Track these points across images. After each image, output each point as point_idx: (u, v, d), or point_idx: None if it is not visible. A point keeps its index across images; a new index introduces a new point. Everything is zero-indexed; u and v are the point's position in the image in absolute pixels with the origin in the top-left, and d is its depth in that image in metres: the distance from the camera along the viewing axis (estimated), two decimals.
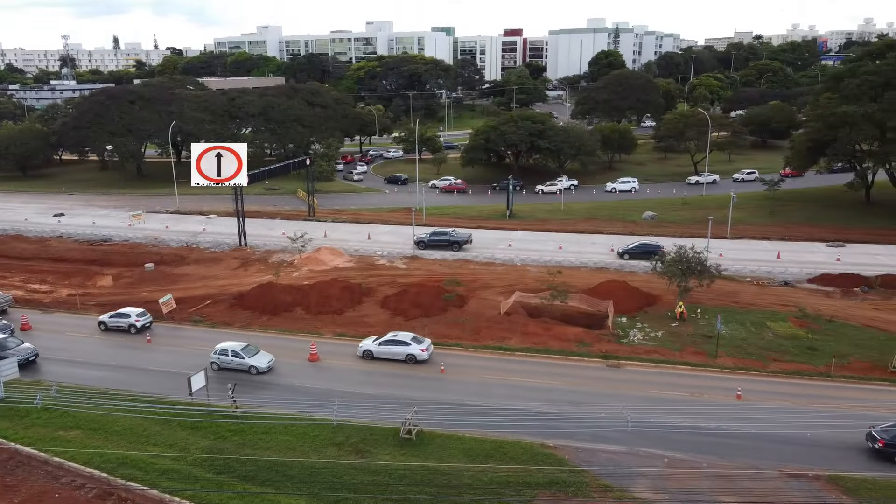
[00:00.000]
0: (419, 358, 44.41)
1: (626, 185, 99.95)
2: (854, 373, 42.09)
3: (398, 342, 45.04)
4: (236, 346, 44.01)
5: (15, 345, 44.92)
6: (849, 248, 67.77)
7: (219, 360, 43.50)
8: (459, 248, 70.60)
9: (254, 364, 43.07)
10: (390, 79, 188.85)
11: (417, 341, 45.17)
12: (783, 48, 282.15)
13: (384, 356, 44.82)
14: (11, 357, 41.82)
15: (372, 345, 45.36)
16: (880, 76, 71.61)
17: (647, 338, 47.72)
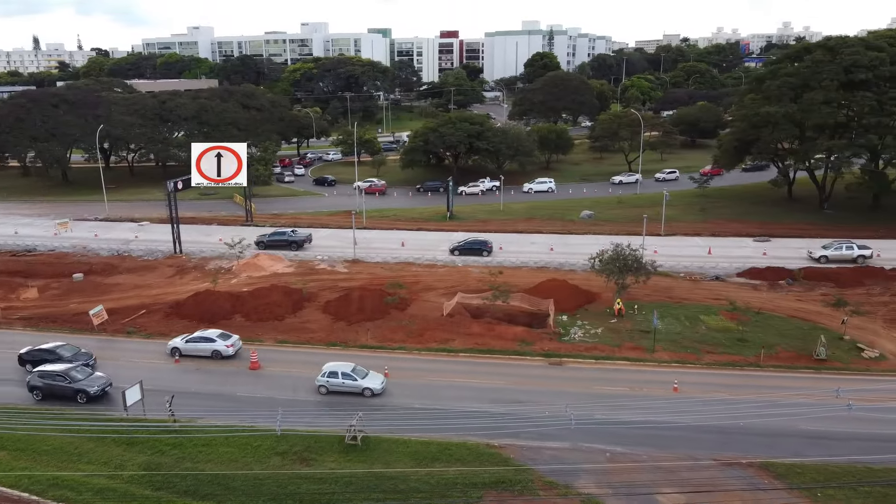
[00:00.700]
0: (224, 354, 45.36)
1: (543, 185, 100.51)
2: (781, 362, 44.03)
3: (205, 339, 46.03)
4: (345, 367, 41.51)
5: (85, 375, 41.66)
6: (774, 242, 70.78)
7: (328, 384, 40.92)
8: (299, 247, 71.28)
9: (368, 386, 40.48)
10: (327, 81, 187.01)
11: (224, 338, 46.17)
12: (709, 50, 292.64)
13: (191, 353, 45.79)
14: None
15: (180, 342, 46.31)
16: (798, 78, 75.13)
17: (587, 335, 48.69)
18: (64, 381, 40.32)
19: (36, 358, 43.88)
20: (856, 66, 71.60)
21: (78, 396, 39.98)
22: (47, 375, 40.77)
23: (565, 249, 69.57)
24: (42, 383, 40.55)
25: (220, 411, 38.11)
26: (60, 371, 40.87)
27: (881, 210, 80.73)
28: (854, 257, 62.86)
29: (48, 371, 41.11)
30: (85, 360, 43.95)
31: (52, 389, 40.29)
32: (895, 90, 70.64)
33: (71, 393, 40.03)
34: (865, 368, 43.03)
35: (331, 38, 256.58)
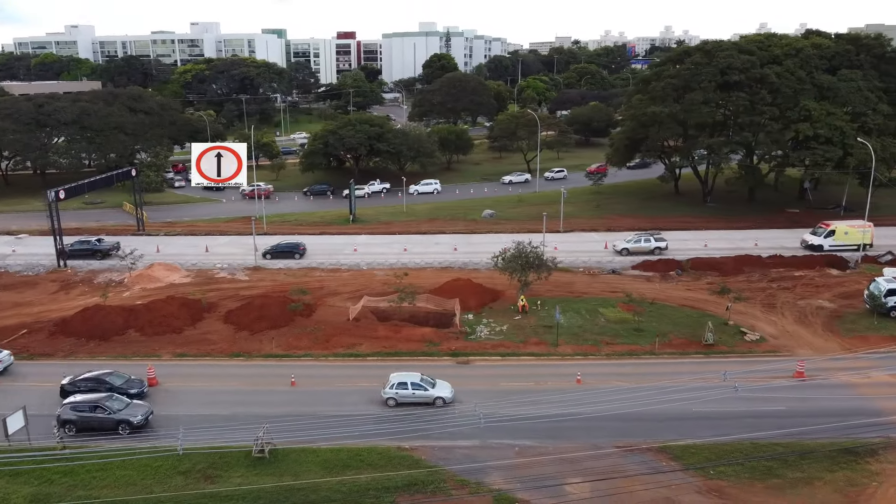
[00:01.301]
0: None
1: (429, 187, 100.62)
2: (675, 349, 46.55)
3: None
4: (413, 376, 39.59)
5: (123, 405, 37.91)
6: (663, 235, 74.36)
7: (397, 395, 38.98)
8: (104, 256, 68.81)
9: (440, 395, 39.12)
10: (220, 82, 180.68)
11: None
12: (598, 53, 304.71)
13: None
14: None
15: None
16: (680, 79, 79.56)
17: (493, 332, 49.59)
18: (103, 412, 36.80)
19: (82, 388, 39.78)
20: (730, 69, 76.59)
21: (120, 428, 36.64)
22: (81, 407, 37.08)
23: (469, 249, 70.58)
24: (76, 416, 36.83)
25: (113, 433, 36.10)
26: (96, 401, 37.29)
27: (756, 203, 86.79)
28: (651, 249, 67.77)
29: (82, 402, 37.39)
30: (139, 388, 40.54)
31: (89, 422, 36.73)
32: (765, 91, 75.95)
33: (112, 424, 36.62)
34: (748, 351, 46.16)
35: (223, 39, 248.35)
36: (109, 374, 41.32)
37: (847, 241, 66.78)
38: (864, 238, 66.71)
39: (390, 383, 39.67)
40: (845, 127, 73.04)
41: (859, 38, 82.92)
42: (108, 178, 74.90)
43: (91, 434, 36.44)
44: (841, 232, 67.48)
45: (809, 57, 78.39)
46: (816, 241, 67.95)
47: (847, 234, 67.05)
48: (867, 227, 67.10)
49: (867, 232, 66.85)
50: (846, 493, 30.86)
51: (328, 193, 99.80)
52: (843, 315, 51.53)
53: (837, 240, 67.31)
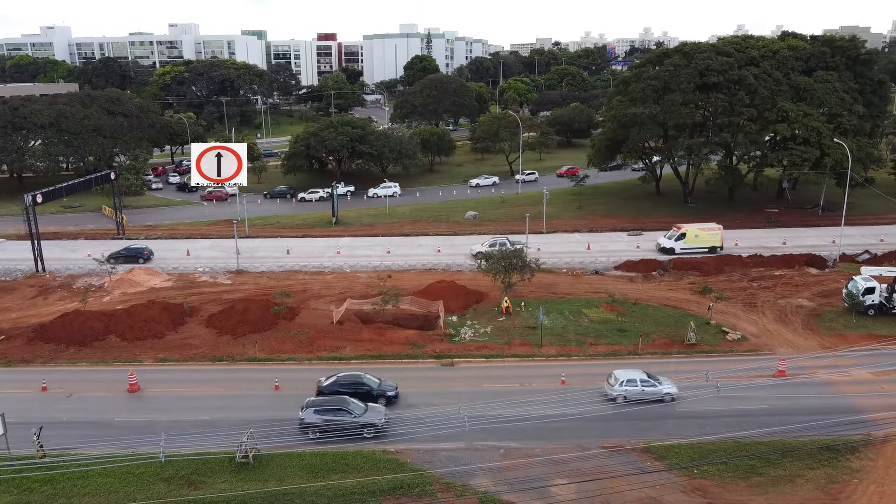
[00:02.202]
0: None
1: (388, 189, 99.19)
2: (657, 348, 46.91)
3: None
4: (639, 373, 39.41)
5: (362, 408, 37.02)
6: (645, 235, 75.12)
7: (626, 393, 38.62)
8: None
9: (668, 391, 39.01)
10: (200, 84, 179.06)
11: None
12: (579, 54, 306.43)
13: None
14: None
15: None
16: (660, 81, 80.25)
17: (477, 334, 49.63)
18: (348, 415, 35.95)
19: (341, 391, 38.91)
20: (708, 70, 77.41)
21: (365, 431, 35.89)
22: (325, 410, 36.24)
23: (452, 250, 70.63)
24: (320, 420, 35.89)
25: (96, 440, 35.59)
26: (338, 404, 36.57)
27: (736, 202, 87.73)
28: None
29: (325, 405, 36.59)
30: (392, 391, 39.93)
31: (335, 425, 35.77)
32: (743, 92, 76.84)
33: (356, 429, 35.92)
34: (730, 350, 46.64)
35: (202, 40, 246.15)
36: (363, 377, 40.47)
37: (697, 244, 67.17)
38: (714, 240, 67.43)
39: (618, 381, 39.30)
40: (822, 128, 74.12)
41: (834, 41, 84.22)
42: (87, 181, 73.98)
43: (334, 437, 35.45)
44: (692, 235, 67.84)
45: (786, 58, 79.50)
46: (668, 244, 68.32)
47: (697, 237, 67.48)
48: (717, 230, 67.70)
49: (716, 234, 67.37)
50: (827, 490, 31.26)
51: (288, 196, 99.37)
52: (822, 314, 52.24)
53: (688, 243, 67.69)
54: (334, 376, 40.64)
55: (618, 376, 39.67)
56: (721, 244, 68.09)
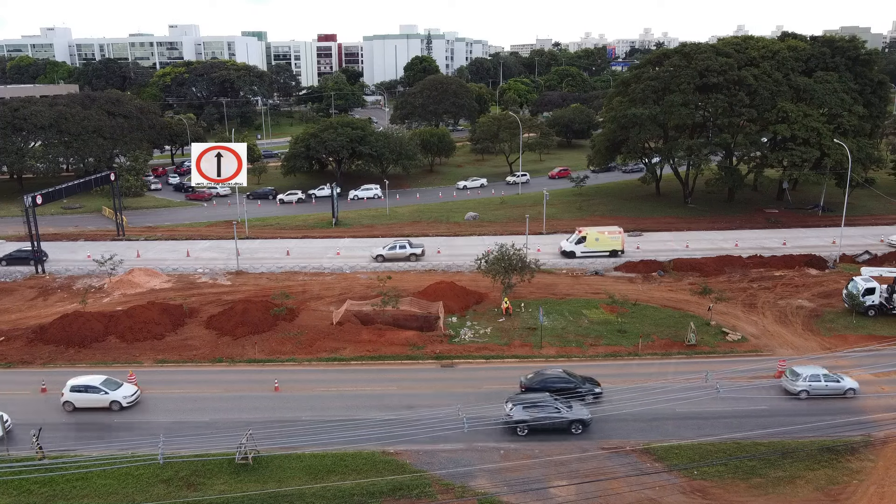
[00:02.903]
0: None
1: (369, 192, 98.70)
2: (657, 349, 46.81)
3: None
4: (821, 369, 39.85)
5: (563, 405, 36.81)
6: (645, 236, 75.09)
7: (810, 388, 38.87)
8: None
9: (851, 387, 39.26)
10: (200, 85, 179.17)
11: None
12: (579, 55, 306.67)
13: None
14: None
15: None
16: (659, 82, 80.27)
17: (476, 335, 49.58)
18: (556, 412, 35.87)
19: (549, 387, 38.84)
20: (708, 71, 77.39)
21: (572, 427, 35.95)
22: (533, 406, 36.24)
23: (452, 251, 70.60)
24: (530, 416, 35.88)
25: (95, 442, 35.63)
26: (546, 400, 36.52)
27: (736, 203, 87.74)
28: (407, 255, 67.82)
29: (533, 402, 36.54)
30: (596, 388, 39.67)
31: (543, 422, 35.82)
32: (743, 93, 76.81)
33: (565, 425, 35.89)
34: (730, 350, 46.54)
35: (202, 41, 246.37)
36: (566, 374, 40.49)
37: (598, 248, 67.03)
38: (615, 244, 67.28)
39: (802, 376, 39.19)
40: (822, 128, 74.06)
41: (834, 41, 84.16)
42: (87, 182, 73.97)
43: (543, 434, 35.78)
44: (592, 238, 67.62)
45: (786, 59, 79.46)
46: (569, 248, 68.30)
47: (598, 241, 67.18)
48: (617, 234, 67.45)
49: (617, 238, 67.18)
50: (827, 491, 31.21)
51: (270, 197, 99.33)
52: (822, 314, 52.18)
53: (588, 246, 67.56)
54: (537, 373, 40.86)
55: (800, 371, 39.68)
56: (622, 248, 67.66)
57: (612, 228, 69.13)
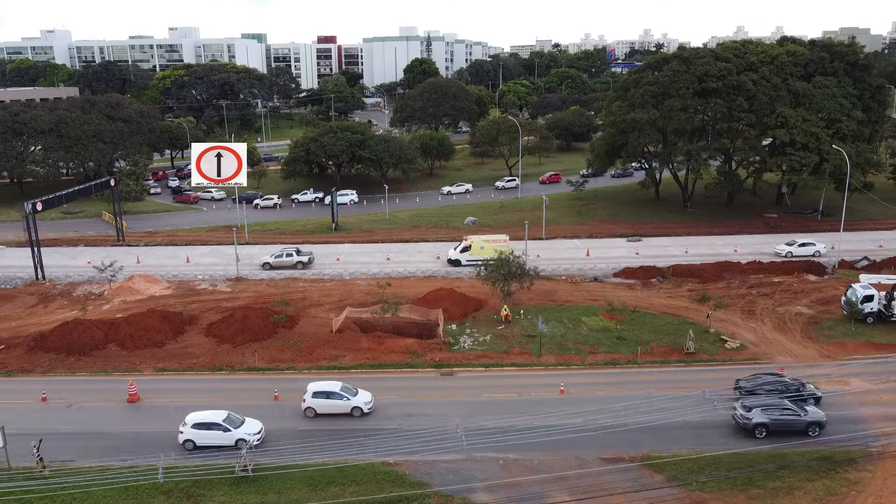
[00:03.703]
0: None
1: (344, 198, 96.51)
2: (656, 357, 46.89)
3: None
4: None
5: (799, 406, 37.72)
6: (644, 241, 75.16)
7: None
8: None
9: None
10: (200, 88, 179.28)
11: None
12: (578, 56, 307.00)
13: None
14: None
15: None
16: (659, 86, 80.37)
17: (476, 343, 49.68)
18: (793, 414, 36.72)
19: (766, 390, 39.31)
20: (707, 76, 77.50)
21: (809, 430, 36.44)
22: (772, 407, 36.83)
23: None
24: (769, 419, 36.45)
25: (96, 453, 35.75)
26: (784, 404, 37.20)
27: (735, 207, 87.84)
28: (294, 263, 67.35)
29: (770, 406, 36.97)
30: (818, 393, 39.72)
31: (782, 425, 36.43)
32: (742, 98, 76.91)
33: (803, 427, 36.52)
34: (729, 358, 46.63)
35: (202, 44, 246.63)
36: (784, 377, 40.72)
37: (483, 256, 65.26)
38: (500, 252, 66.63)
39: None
40: (821, 133, 74.14)
41: (833, 46, 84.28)
42: (87, 188, 74.07)
43: (783, 437, 36.17)
44: (477, 247, 66.94)
45: (784, 64, 79.61)
46: (455, 256, 67.72)
47: (483, 249, 66.11)
48: (503, 242, 66.68)
49: (502, 247, 65.69)
50: (825, 501, 31.29)
51: (252, 202, 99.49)
52: (821, 321, 52.26)
53: (473, 254, 66.80)
54: (755, 375, 41.32)
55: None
56: None
57: (499, 237, 68.49)
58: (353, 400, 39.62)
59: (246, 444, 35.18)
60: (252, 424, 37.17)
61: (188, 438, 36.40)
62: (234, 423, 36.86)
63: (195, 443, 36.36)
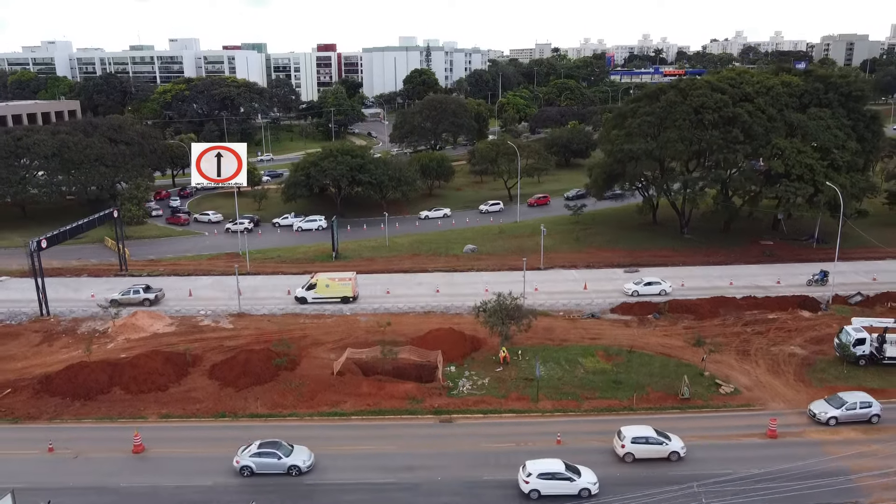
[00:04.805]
0: None
1: (312, 223, 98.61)
2: (651, 403, 47.73)
3: None
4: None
5: None
6: (642, 272, 75.84)
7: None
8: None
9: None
10: (200, 102, 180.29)
11: None
12: (577, 64, 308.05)
13: None
14: None
15: None
16: (655, 117, 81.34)
17: (475, 386, 50.50)
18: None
19: None
20: (703, 108, 78.43)
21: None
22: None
23: (451, 290, 71.36)
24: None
25: None
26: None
27: (731, 232, 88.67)
28: (141, 300, 67.73)
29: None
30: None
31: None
32: (738, 129, 77.81)
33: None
34: (723, 405, 47.48)
35: (202, 55, 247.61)
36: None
37: (328, 294, 66.91)
38: (345, 290, 67.34)
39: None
40: (815, 165, 75.00)
41: (827, 77, 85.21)
42: (90, 221, 74.79)
43: None
44: (322, 285, 67.65)
45: (780, 95, 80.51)
46: (301, 294, 68.06)
47: (328, 287, 67.13)
48: (348, 280, 67.62)
49: (348, 285, 67.33)
50: None
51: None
52: (814, 363, 53.06)
53: (319, 292, 67.48)
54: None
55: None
56: (353, 294, 67.83)
57: (345, 275, 69.28)
58: (670, 445, 40.65)
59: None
60: (588, 474, 37.96)
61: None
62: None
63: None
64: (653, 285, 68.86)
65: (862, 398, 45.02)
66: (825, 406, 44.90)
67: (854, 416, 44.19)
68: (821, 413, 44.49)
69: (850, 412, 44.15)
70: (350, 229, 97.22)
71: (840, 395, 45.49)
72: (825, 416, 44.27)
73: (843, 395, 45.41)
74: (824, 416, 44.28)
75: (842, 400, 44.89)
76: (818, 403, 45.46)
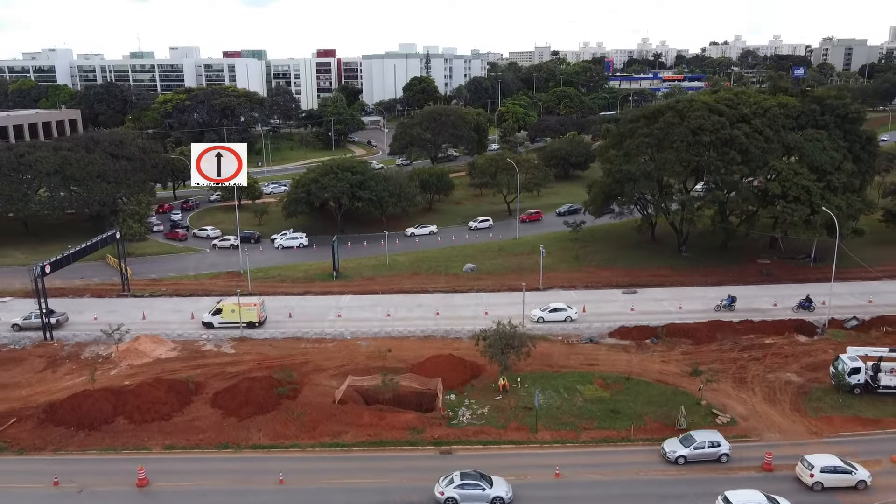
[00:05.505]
0: None
1: (293, 241, 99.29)
2: (649, 434, 48.33)
3: None
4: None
5: None
6: (640, 293, 76.47)
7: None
8: None
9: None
10: (201, 112, 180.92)
11: None
12: (577, 70, 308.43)
13: None
14: None
15: None
16: (653, 138, 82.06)
17: (474, 416, 51.09)
18: None
19: None
20: (701, 129, 79.11)
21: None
22: None
23: (451, 313, 71.89)
24: None
25: None
26: None
27: (729, 251, 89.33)
28: (40, 326, 66.77)
29: None
30: None
31: None
32: (735, 151, 78.49)
33: None
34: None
35: (203, 63, 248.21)
36: None
37: (234, 319, 67.56)
38: (251, 316, 68.04)
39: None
40: (812, 186, 75.64)
41: (824, 99, 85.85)
42: (93, 245, 75.28)
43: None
44: (228, 310, 68.25)
45: (777, 116, 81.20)
46: (207, 319, 68.80)
47: (234, 312, 67.77)
48: (253, 306, 68.36)
49: (253, 310, 68.03)
50: None
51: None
52: (810, 391, 53.69)
53: (225, 318, 68.32)
54: None
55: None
56: (258, 319, 68.52)
57: (249, 300, 70.07)
58: (858, 474, 41.56)
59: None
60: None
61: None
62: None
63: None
64: (558, 311, 69.24)
65: (711, 437, 45.13)
66: (676, 445, 45.28)
67: (702, 455, 44.36)
68: (670, 452, 44.89)
69: (699, 451, 44.36)
70: (350, 246, 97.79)
71: (692, 434, 45.64)
72: (674, 454, 44.65)
73: (694, 434, 45.55)
74: (673, 455, 44.64)
75: (692, 439, 45.11)
76: (670, 442, 45.81)
